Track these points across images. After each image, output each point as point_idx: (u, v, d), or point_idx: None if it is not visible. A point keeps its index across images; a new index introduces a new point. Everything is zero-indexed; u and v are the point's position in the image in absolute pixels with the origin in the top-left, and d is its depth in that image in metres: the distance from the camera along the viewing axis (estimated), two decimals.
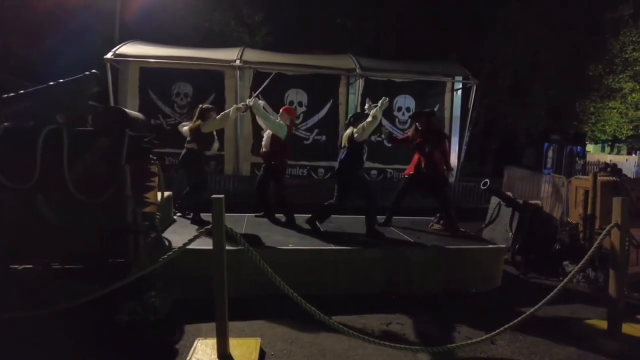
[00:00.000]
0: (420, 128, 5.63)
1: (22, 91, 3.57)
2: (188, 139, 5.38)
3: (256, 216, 5.78)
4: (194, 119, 5.39)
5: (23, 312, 2.93)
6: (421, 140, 5.55)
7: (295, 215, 5.56)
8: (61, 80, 3.64)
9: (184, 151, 5.38)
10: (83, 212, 3.42)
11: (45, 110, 3.55)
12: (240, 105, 5.50)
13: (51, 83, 3.62)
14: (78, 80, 3.68)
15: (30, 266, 3.52)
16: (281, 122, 5.47)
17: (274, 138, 5.43)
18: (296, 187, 9.90)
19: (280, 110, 5.70)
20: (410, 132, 5.92)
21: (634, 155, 20.76)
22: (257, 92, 9.51)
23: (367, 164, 10.22)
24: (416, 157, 5.64)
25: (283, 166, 5.66)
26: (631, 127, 20.69)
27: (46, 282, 3.42)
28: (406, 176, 5.79)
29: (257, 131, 10.15)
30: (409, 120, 10.75)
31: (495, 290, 4.62)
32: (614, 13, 18.81)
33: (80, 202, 3.38)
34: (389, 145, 10.01)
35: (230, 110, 5.36)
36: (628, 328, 3.44)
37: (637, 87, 19.30)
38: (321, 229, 5.12)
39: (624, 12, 18.85)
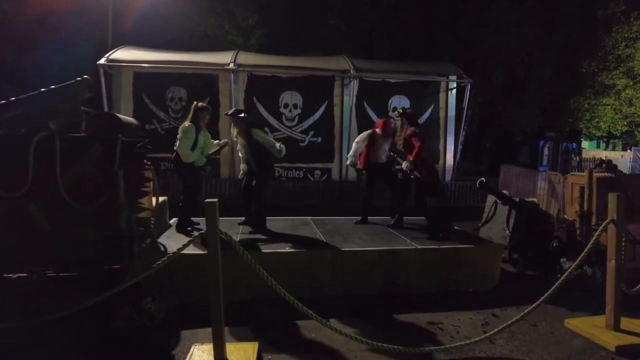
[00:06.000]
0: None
1: (13, 98, 3.55)
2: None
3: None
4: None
5: (18, 321, 2.90)
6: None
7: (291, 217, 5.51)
8: (53, 87, 3.62)
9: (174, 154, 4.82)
10: (77, 219, 3.40)
11: (37, 117, 3.52)
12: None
13: (43, 90, 3.60)
14: (70, 86, 3.66)
15: (25, 274, 3.49)
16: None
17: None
18: (292, 189, 9.93)
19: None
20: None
21: (629, 151, 20.90)
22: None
23: None
24: None
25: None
26: (625, 123, 20.86)
27: (41, 290, 3.39)
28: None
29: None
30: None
31: (493, 289, 4.61)
32: (606, 10, 18.94)
33: (73, 209, 3.36)
34: None
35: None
36: (626, 324, 3.44)
37: (631, 83, 19.47)
38: (319, 231, 5.10)
39: (616, 10, 19.00)
